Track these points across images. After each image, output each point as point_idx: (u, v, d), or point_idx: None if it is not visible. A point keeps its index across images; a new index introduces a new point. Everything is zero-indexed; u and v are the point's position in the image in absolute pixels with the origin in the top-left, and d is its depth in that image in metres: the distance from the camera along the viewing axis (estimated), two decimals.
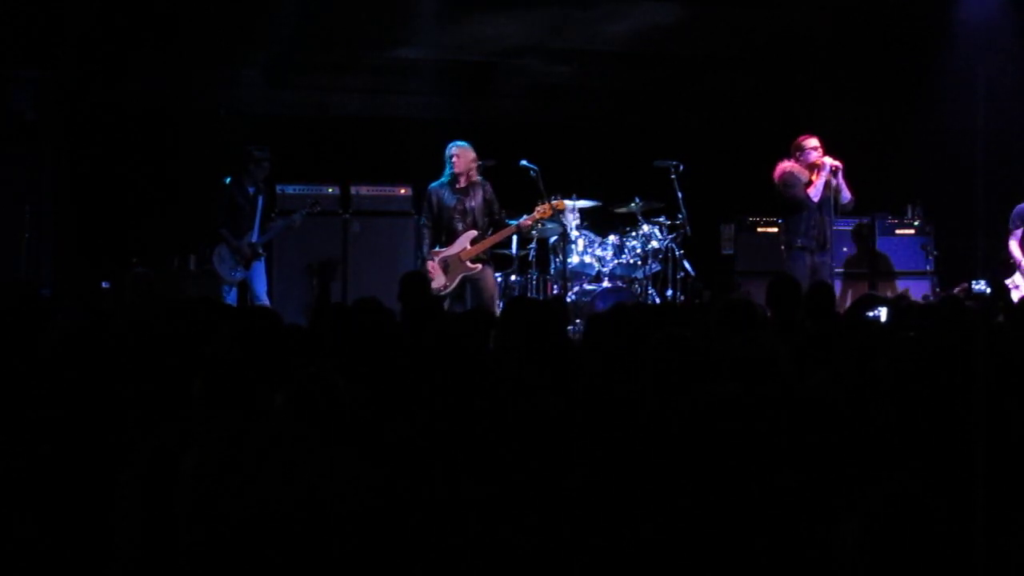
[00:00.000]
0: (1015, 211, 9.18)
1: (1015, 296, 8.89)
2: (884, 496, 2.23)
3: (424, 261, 8.71)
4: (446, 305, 8.61)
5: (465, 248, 8.75)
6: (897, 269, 10.16)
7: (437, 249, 8.76)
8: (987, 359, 3.40)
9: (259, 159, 9.14)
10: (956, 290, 9.04)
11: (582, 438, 3.02)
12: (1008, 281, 9.05)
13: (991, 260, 9.40)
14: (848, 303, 8.60)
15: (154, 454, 3.14)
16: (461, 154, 8.75)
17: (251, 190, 9.18)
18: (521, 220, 8.96)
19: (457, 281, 8.72)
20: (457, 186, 8.78)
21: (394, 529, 2.89)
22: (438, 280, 8.65)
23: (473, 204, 8.81)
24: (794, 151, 8.97)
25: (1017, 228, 9.16)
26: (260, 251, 9.13)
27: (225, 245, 9.08)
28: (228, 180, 9.18)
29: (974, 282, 9.10)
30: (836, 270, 9.51)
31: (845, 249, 10.02)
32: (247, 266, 9.08)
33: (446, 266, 8.72)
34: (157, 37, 10.17)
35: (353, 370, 4.06)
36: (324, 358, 4.37)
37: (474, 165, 8.81)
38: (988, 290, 8.83)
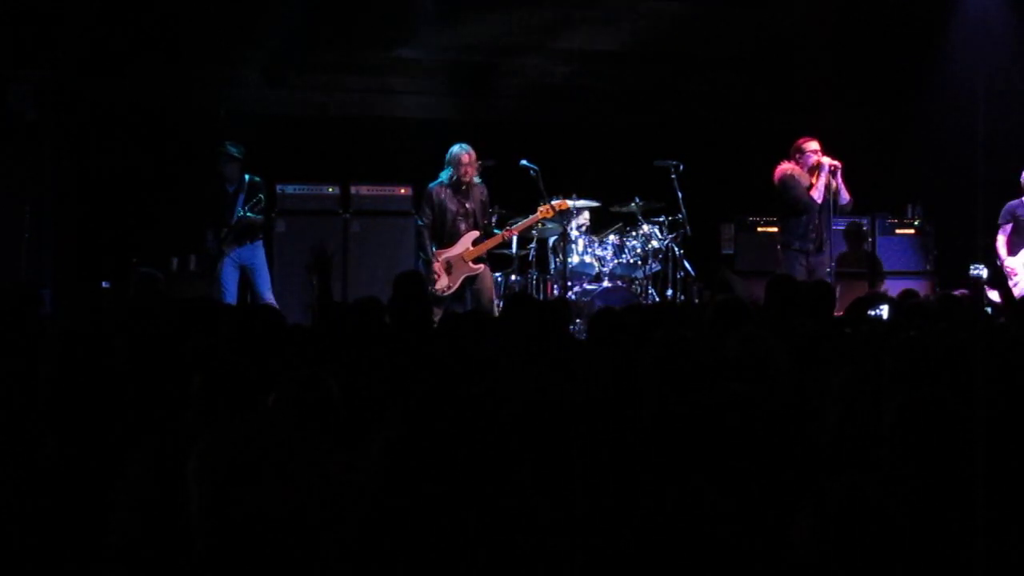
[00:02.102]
0: (1005, 208, 9.20)
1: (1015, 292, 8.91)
2: (837, 491, 2.23)
3: (429, 263, 8.71)
4: (445, 305, 8.62)
5: (468, 248, 8.76)
6: (897, 269, 10.15)
7: (439, 250, 8.76)
8: (987, 357, 3.40)
9: (218, 154, 9.12)
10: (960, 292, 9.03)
11: (582, 436, 3.02)
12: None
13: (991, 259, 9.39)
14: (843, 303, 8.60)
15: (153, 457, 3.14)
16: (470, 161, 8.73)
17: (230, 188, 9.17)
18: (522, 221, 8.98)
19: (460, 282, 8.73)
20: (458, 187, 8.78)
21: (395, 528, 2.89)
22: (441, 282, 8.66)
23: (474, 205, 8.84)
24: (794, 153, 8.97)
25: (1007, 223, 9.18)
26: (224, 249, 9.10)
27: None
28: (214, 180, 9.19)
29: (972, 266, 9.11)
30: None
31: (843, 248, 10.01)
32: (212, 263, 9.12)
33: (449, 267, 8.72)
34: (157, 37, 10.16)
35: (350, 369, 4.06)
36: (322, 358, 4.37)
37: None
38: (985, 274, 8.83)
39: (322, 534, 2.90)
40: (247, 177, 9.19)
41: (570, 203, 9.25)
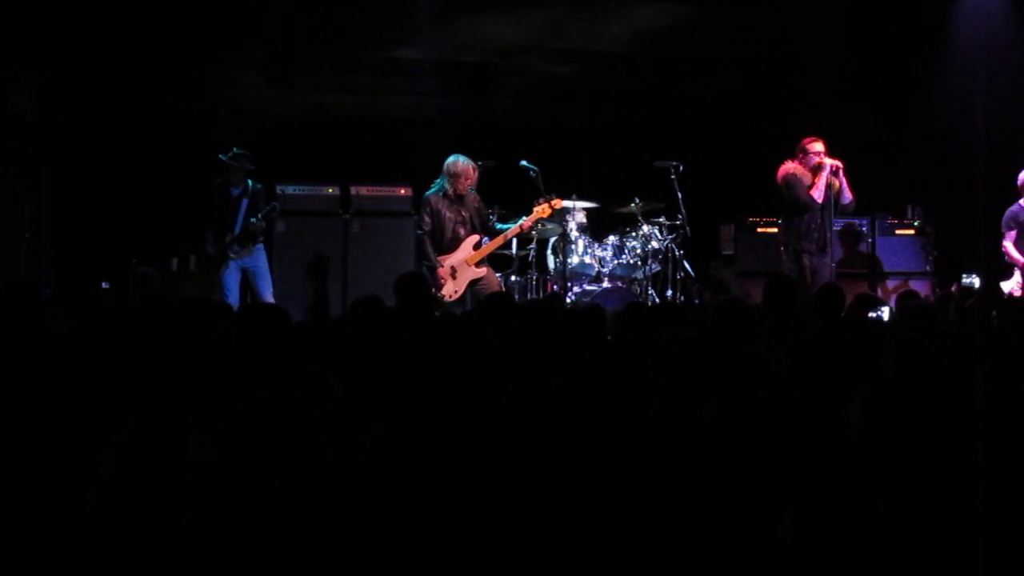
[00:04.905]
0: (1007, 214, 9.21)
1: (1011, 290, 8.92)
2: (817, 491, 2.23)
3: (434, 268, 8.71)
4: (445, 306, 8.63)
5: (470, 253, 8.79)
6: (897, 269, 10.15)
7: (441, 256, 8.78)
8: (986, 357, 3.40)
9: (225, 164, 9.09)
10: (952, 288, 9.06)
11: (584, 435, 3.02)
12: (1006, 283, 9.07)
13: (990, 260, 9.40)
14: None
15: (127, 455, 3.14)
16: (467, 172, 8.72)
17: (235, 192, 9.16)
18: (521, 221, 8.98)
19: (465, 287, 8.77)
20: (452, 195, 8.79)
21: (396, 525, 2.89)
22: (447, 287, 8.68)
23: (469, 212, 8.86)
24: (798, 152, 8.98)
25: (1011, 230, 9.19)
26: (229, 253, 9.08)
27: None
28: (217, 181, 9.18)
29: (964, 275, 9.12)
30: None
31: (842, 249, 10.01)
32: (214, 266, 9.10)
33: (453, 272, 8.75)
34: (157, 37, 10.16)
35: (351, 370, 4.05)
36: (321, 358, 4.36)
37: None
38: (976, 283, 8.85)
39: (318, 525, 2.90)
40: (250, 183, 9.18)
41: (567, 203, 9.24)
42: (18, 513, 3.20)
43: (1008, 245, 9.18)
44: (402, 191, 9.96)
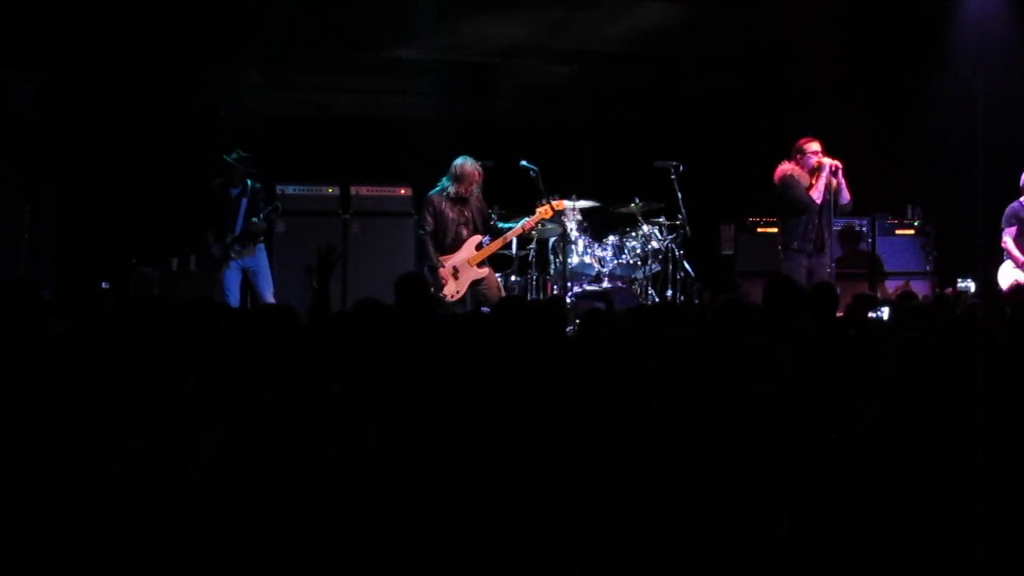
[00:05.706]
0: (1007, 210, 9.23)
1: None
2: (813, 493, 2.23)
3: (435, 270, 8.73)
4: (446, 307, 8.64)
5: (472, 253, 8.81)
6: (897, 269, 10.16)
7: (443, 256, 8.79)
8: (985, 359, 3.40)
9: (228, 164, 9.09)
10: (946, 292, 9.09)
11: (584, 435, 3.02)
12: (1002, 269, 9.08)
13: (990, 260, 9.40)
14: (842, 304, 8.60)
15: (140, 455, 3.14)
16: (473, 176, 8.75)
17: (234, 192, 9.16)
18: (523, 222, 8.99)
19: (466, 287, 8.78)
20: (456, 195, 8.81)
21: (396, 525, 2.89)
22: (449, 287, 8.70)
23: (472, 212, 8.87)
24: (795, 154, 8.97)
25: (1011, 226, 9.21)
26: (230, 253, 9.09)
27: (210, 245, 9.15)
28: (217, 182, 9.18)
29: (960, 279, 9.14)
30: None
31: (841, 249, 10.01)
32: (216, 266, 9.10)
33: (455, 273, 8.77)
34: (157, 37, 10.16)
35: (351, 370, 4.05)
36: (321, 358, 4.36)
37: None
38: (972, 287, 8.86)
39: (319, 526, 2.90)
40: (249, 183, 9.18)
41: (567, 203, 9.26)
42: (19, 513, 3.20)
43: (1008, 241, 9.20)
44: (402, 191, 9.96)
